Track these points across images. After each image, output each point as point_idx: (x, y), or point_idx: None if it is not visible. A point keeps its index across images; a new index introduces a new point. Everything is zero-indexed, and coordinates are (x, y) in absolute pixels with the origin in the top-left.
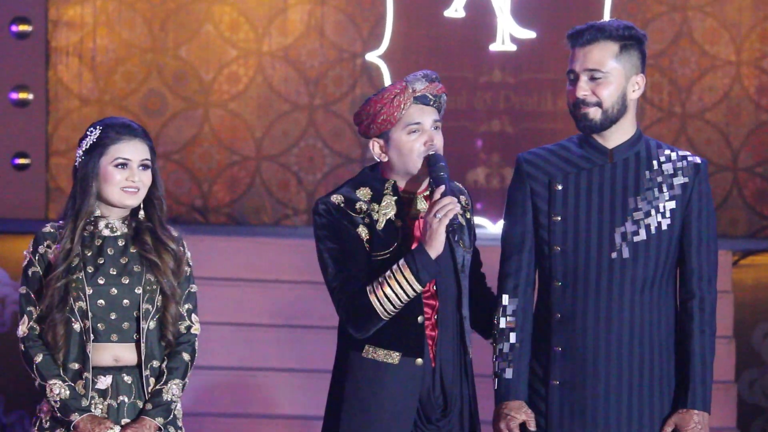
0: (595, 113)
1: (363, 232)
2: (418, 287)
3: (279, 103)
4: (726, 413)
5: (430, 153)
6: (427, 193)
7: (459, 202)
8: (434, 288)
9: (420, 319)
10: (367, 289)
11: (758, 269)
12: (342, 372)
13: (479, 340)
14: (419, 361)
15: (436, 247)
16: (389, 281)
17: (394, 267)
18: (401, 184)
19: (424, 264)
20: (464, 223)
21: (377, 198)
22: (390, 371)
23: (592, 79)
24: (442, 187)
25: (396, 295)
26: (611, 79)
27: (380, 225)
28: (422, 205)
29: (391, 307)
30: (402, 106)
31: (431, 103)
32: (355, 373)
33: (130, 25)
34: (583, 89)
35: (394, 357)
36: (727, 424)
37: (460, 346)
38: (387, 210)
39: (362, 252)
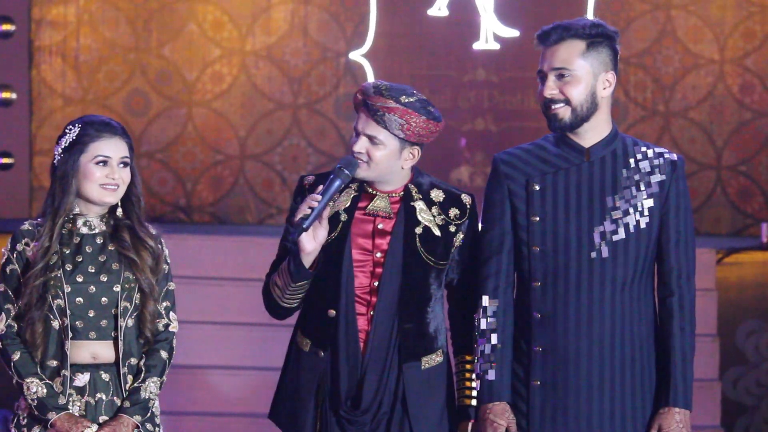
0: (564, 112)
1: None
2: (290, 282)
3: (263, 103)
4: (710, 411)
5: (350, 156)
6: (402, 194)
7: (444, 214)
8: (375, 284)
9: (331, 312)
10: (273, 275)
11: (742, 267)
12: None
13: None
14: (321, 353)
15: (300, 245)
16: (280, 272)
17: (287, 258)
18: (375, 183)
19: (295, 260)
20: (305, 226)
21: (344, 189)
22: (302, 357)
23: (560, 77)
24: (319, 188)
25: (280, 286)
26: (578, 77)
27: (329, 214)
28: (380, 203)
29: (281, 294)
30: (355, 104)
31: (371, 113)
32: (288, 354)
33: (113, 25)
34: (551, 88)
35: (305, 344)
36: (710, 423)
37: (396, 350)
38: (342, 201)
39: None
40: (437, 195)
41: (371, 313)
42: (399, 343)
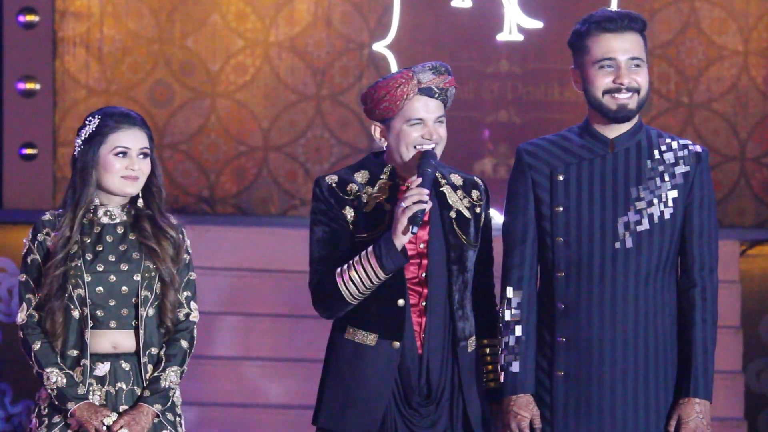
0: (633, 101)
1: (349, 213)
2: (381, 274)
3: (286, 94)
4: (733, 403)
5: (425, 148)
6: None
7: (468, 196)
8: (423, 275)
9: (401, 302)
10: (336, 271)
11: (766, 259)
12: (328, 353)
13: None
14: (396, 344)
15: (399, 236)
16: (356, 266)
17: (363, 252)
18: (400, 172)
19: (389, 251)
20: (421, 217)
21: (373, 181)
22: (367, 353)
23: (635, 66)
24: (419, 179)
25: (361, 279)
26: (644, 66)
27: (368, 208)
28: None
29: (356, 290)
30: (405, 96)
31: (436, 96)
32: (338, 354)
33: (136, 16)
34: (628, 76)
35: (371, 338)
36: (734, 415)
37: (451, 336)
38: (380, 194)
39: (344, 234)
40: (457, 179)
41: (423, 303)
42: (452, 328)
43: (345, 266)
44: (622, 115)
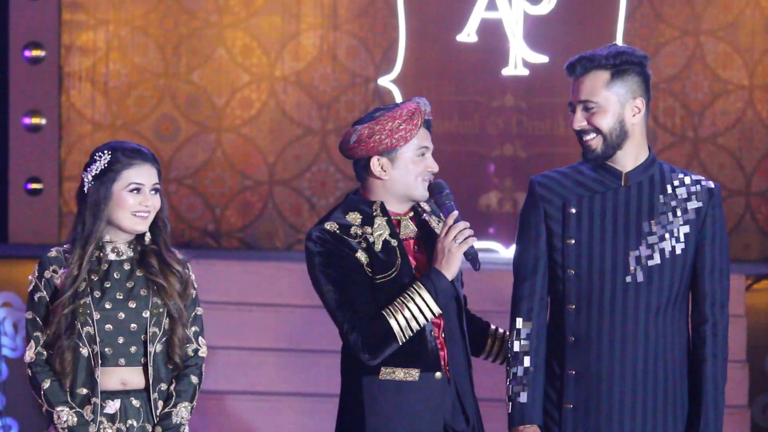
0: (597, 142)
1: (362, 256)
2: (437, 310)
3: (291, 128)
4: None
5: (433, 180)
6: (412, 214)
7: (439, 219)
8: None
9: (432, 333)
10: (384, 313)
11: None
12: (357, 398)
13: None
14: (438, 374)
15: (452, 271)
16: (408, 305)
17: (411, 291)
18: (389, 206)
19: (443, 287)
20: (475, 251)
21: (368, 221)
22: (411, 389)
23: (586, 109)
24: (456, 213)
25: (415, 318)
26: (605, 107)
27: (378, 247)
28: (411, 227)
29: (410, 331)
30: (419, 124)
31: (430, 127)
32: (374, 397)
33: (142, 50)
34: (579, 120)
35: (414, 374)
36: None
37: (465, 360)
38: (381, 231)
39: (365, 277)
40: (426, 206)
41: (443, 335)
42: (464, 352)
43: (392, 308)
44: (589, 156)
